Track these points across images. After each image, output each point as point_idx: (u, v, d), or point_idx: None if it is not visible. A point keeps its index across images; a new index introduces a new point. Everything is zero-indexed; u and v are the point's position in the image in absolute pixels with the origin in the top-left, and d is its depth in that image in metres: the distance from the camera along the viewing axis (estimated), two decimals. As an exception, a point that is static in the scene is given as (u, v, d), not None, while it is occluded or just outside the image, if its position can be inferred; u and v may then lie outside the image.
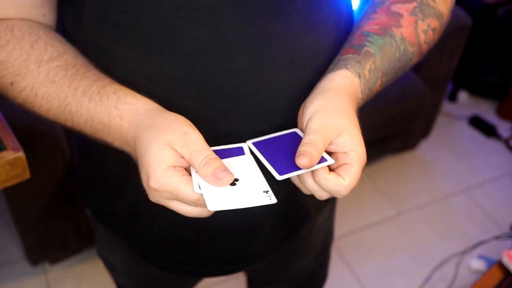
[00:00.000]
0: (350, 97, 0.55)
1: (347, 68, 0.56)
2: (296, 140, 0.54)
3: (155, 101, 0.53)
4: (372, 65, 0.58)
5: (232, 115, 0.57)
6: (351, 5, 0.68)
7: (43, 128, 1.24)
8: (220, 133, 0.58)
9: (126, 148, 0.54)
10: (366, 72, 0.57)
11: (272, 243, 0.75)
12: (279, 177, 0.50)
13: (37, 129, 1.23)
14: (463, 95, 2.48)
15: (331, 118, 0.51)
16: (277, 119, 0.58)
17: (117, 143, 0.54)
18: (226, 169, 0.48)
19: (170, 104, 0.54)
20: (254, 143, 0.56)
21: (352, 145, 0.51)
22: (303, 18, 0.56)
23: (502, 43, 2.35)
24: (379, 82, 0.59)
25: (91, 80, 0.54)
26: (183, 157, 0.49)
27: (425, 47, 0.64)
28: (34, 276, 1.60)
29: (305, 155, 0.49)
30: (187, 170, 0.50)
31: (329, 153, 0.52)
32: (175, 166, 0.49)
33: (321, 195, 0.53)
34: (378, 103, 1.76)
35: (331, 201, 0.86)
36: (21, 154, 0.68)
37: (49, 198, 1.40)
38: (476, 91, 2.49)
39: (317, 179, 0.51)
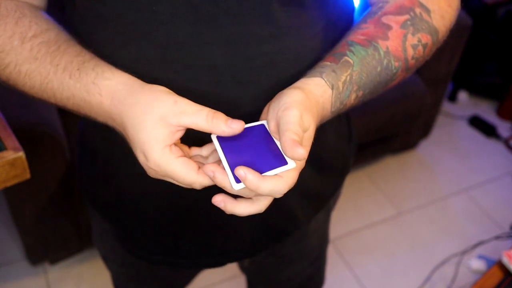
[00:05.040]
0: (317, 106, 0.53)
1: (321, 77, 0.54)
2: (264, 137, 0.51)
3: (133, 76, 0.53)
4: (348, 77, 0.55)
5: None
6: (351, 8, 0.66)
7: (43, 128, 1.24)
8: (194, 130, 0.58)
9: (110, 123, 0.54)
10: (340, 84, 0.55)
11: (256, 242, 0.74)
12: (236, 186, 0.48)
13: (37, 129, 1.23)
14: (463, 95, 2.48)
15: (306, 114, 0.50)
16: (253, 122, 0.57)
17: (101, 118, 0.55)
18: (232, 119, 0.49)
19: None
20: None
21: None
22: (284, 20, 0.55)
23: (502, 43, 2.35)
24: (353, 96, 0.57)
25: (71, 56, 0.55)
26: (178, 130, 0.49)
27: (412, 63, 0.61)
28: (34, 276, 1.60)
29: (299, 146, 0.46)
30: (181, 148, 0.52)
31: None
32: (170, 145, 0.49)
33: (248, 194, 0.50)
34: (378, 103, 1.76)
35: (325, 207, 0.86)
36: (21, 154, 0.68)
37: (49, 198, 1.40)
38: (476, 91, 2.49)
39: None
